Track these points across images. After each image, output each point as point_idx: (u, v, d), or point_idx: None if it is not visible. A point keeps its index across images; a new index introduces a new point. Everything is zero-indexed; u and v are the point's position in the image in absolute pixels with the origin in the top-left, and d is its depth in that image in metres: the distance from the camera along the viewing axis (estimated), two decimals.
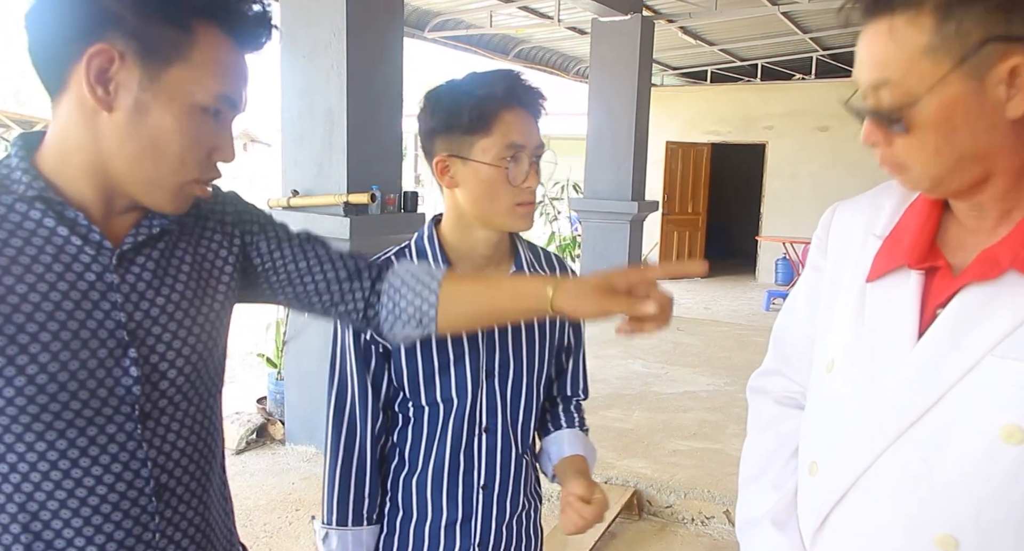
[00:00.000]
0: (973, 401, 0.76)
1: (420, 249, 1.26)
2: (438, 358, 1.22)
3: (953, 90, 0.73)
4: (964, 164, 0.76)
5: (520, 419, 1.29)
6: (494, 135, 1.15)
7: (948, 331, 0.79)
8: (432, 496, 1.26)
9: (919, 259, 0.84)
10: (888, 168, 0.82)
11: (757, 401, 1.11)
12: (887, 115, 0.77)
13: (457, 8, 7.40)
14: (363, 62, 3.53)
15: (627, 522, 3.32)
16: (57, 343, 0.77)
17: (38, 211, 0.79)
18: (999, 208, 0.80)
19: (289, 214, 3.66)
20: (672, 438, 3.90)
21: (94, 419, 0.80)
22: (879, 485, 0.82)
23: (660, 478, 3.41)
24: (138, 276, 0.85)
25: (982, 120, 0.74)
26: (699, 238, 11.11)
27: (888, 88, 0.76)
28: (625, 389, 4.73)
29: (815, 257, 1.02)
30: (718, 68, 10.64)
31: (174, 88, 0.79)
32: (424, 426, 1.25)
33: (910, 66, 0.74)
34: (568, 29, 8.04)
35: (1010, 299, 0.76)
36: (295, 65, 3.63)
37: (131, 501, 0.83)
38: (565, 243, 7.99)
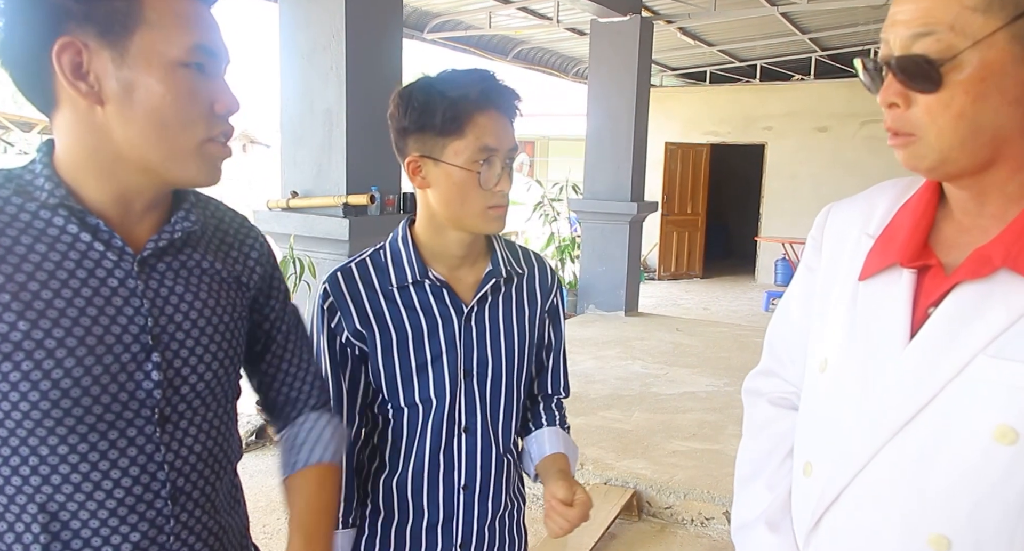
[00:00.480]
0: (966, 401, 0.76)
1: (395, 250, 1.25)
2: (415, 358, 1.22)
3: (996, 51, 0.71)
4: (978, 138, 0.74)
5: (500, 419, 1.28)
6: (467, 137, 1.13)
7: (940, 331, 0.79)
8: (413, 497, 1.26)
9: (911, 257, 0.83)
10: (897, 138, 0.79)
11: (751, 402, 1.11)
12: (922, 67, 0.73)
13: (456, 9, 7.40)
14: (362, 63, 3.53)
15: (626, 523, 3.32)
16: (82, 348, 0.78)
17: (61, 218, 0.80)
18: (999, 204, 0.79)
19: (288, 215, 3.66)
20: (671, 439, 3.89)
21: (115, 423, 0.81)
22: (873, 485, 0.82)
23: (660, 479, 3.41)
24: (160, 282, 0.85)
25: (1012, 92, 0.72)
26: (698, 238, 11.11)
27: (931, 38, 0.72)
28: (624, 390, 4.73)
29: (809, 257, 1.01)
30: (717, 69, 10.65)
31: (146, 53, 0.78)
32: (403, 427, 1.25)
33: (960, 18, 0.71)
34: (567, 30, 8.04)
35: (1002, 297, 0.75)
36: (294, 66, 3.63)
37: (147, 504, 0.84)
38: (564, 244, 7.99)
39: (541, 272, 1.35)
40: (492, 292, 1.27)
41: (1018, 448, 0.73)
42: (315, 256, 3.66)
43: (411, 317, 1.22)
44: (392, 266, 1.24)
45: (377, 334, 1.22)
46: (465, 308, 1.24)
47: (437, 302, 1.23)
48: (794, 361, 1.03)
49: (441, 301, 1.23)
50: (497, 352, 1.26)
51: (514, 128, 1.20)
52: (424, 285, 1.23)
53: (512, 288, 1.30)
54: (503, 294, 1.28)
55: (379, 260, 1.25)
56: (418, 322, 1.22)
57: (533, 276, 1.34)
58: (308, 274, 3.63)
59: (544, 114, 18.09)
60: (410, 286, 1.23)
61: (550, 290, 1.36)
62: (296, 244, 3.65)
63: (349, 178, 3.51)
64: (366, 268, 1.24)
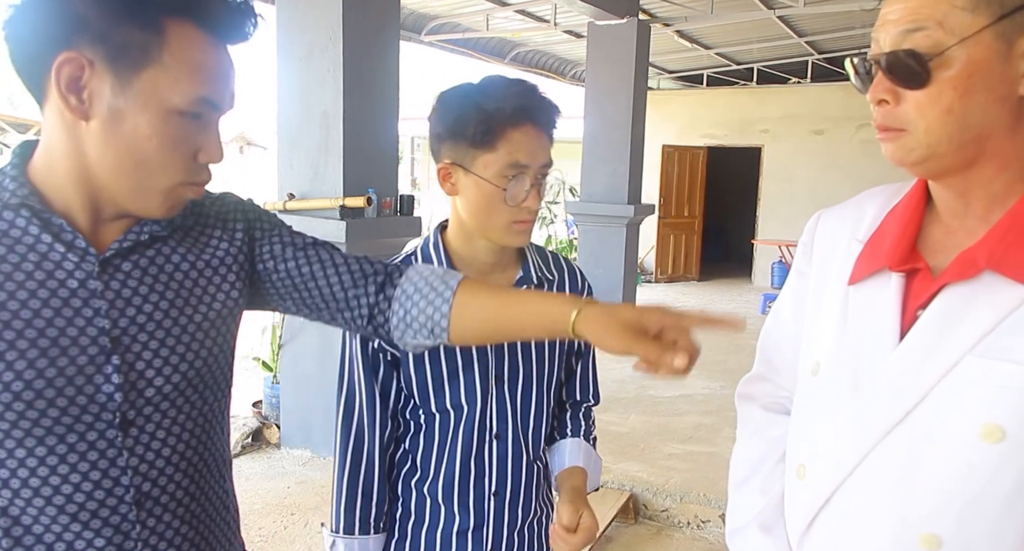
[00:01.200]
0: (954, 401, 0.77)
1: (426, 256, 1.25)
2: (447, 365, 1.21)
3: (983, 48, 0.73)
4: (965, 133, 0.76)
5: (531, 425, 1.28)
6: (498, 152, 1.12)
7: (928, 332, 0.80)
8: (444, 502, 1.25)
9: (899, 261, 0.84)
10: (886, 133, 0.81)
11: (745, 407, 1.12)
12: (911, 63, 0.75)
13: (454, 11, 7.40)
14: (359, 65, 3.53)
15: (623, 526, 3.32)
16: (34, 350, 0.76)
17: (23, 219, 0.79)
18: (984, 203, 0.81)
19: (285, 218, 3.65)
20: (668, 442, 3.89)
21: (73, 426, 0.79)
22: (864, 486, 0.82)
23: (656, 482, 3.41)
24: (123, 283, 0.83)
25: (998, 89, 0.74)
26: (695, 241, 11.11)
27: (920, 34, 0.75)
28: (621, 393, 4.73)
29: (800, 263, 1.02)
30: (714, 72, 10.66)
31: (147, 93, 0.76)
32: (435, 433, 1.24)
33: (949, 15, 0.74)
34: (564, 33, 8.05)
35: (988, 298, 0.77)
36: (291, 68, 3.62)
37: (110, 509, 0.82)
38: (561, 246, 7.99)
39: (571, 277, 1.34)
40: None
41: (1005, 447, 0.74)
42: None
43: None
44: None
45: None
46: None
47: None
48: (786, 365, 1.04)
49: None
50: (528, 358, 1.26)
51: (551, 142, 1.19)
52: None
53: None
54: None
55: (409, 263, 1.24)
56: None
57: (564, 282, 1.33)
58: None
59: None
60: None
61: (581, 295, 1.34)
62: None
63: (346, 180, 3.51)
64: None
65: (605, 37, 6.59)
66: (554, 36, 8.36)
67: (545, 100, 1.17)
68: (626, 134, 6.62)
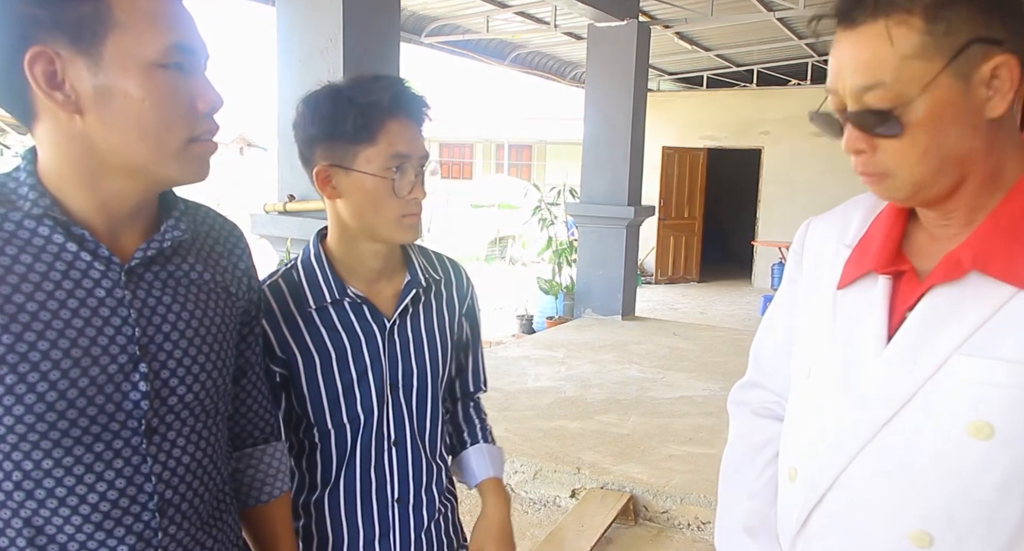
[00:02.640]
0: (942, 399, 0.78)
1: (308, 268, 1.20)
2: (341, 379, 1.19)
3: (943, 90, 0.75)
4: (946, 167, 0.78)
5: (427, 428, 1.27)
6: (379, 145, 1.11)
7: (916, 332, 0.81)
8: (347, 517, 1.23)
9: (885, 264, 0.86)
10: (869, 178, 0.82)
11: (736, 413, 1.13)
12: (879, 118, 0.77)
13: (454, 13, 7.41)
14: (359, 67, 3.53)
15: (623, 528, 3.32)
16: (68, 360, 0.76)
17: (46, 228, 0.78)
18: (966, 214, 0.83)
19: (285, 219, 3.65)
20: (668, 443, 3.89)
21: (101, 435, 0.79)
22: (855, 485, 0.83)
23: (656, 483, 3.41)
24: (148, 292, 0.84)
25: (967, 120, 0.76)
26: (695, 243, 11.12)
27: (881, 90, 0.76)
28: (621, 394, 4.73)
29: (791, 270, 1.04)
30: (714, 73, 10.67)
31: (120, 58, 0.75)
32: (332, 449, 1.22)
33: (903, 67, 0.75)
34: (565, 34, 8.05)
35: (974, 299, 0.78)
36: (291, 69, 3.63)
37: (134, 517, 0.82)
38: (561, 248, 7.98)
39: (457, 276, 1.34)
40: (412, 303, 1.24)
41: (993, 443, 0.75)
42: None
43: (333, 337, 1.19)
44: (308, 286, 1.19)
45: (299, 358, 1.18)
46: (387, 322, 1.21)
47: (358, 319, 1.20)
48: (778, 371, 1.05)
49: (362, 317, 1.20)
50: (422, 362, 1.25)
51: (423, 136, 1.18)
52: (343, 303, 1.19)
53: (431, 296, 1.28)
54: (423, 303, 1.26)
55: (292, 280, 1.20)
56: (340, 342, 1.19)
57: (450, 281, 1.32)
58: None
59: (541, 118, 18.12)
60: (329, 306, 1.19)
61: (466, 293, 1.35)
62: (293, 247, 3.65)
63: None
64: (280, 290, 1.19)
65: (605, 39, 6.60)
66: (554, 38, 8.37)
67: (415, 93, 1.16)
68: (626, 136, 6.63)
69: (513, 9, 7.12)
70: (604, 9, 6.20)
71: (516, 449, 3.74)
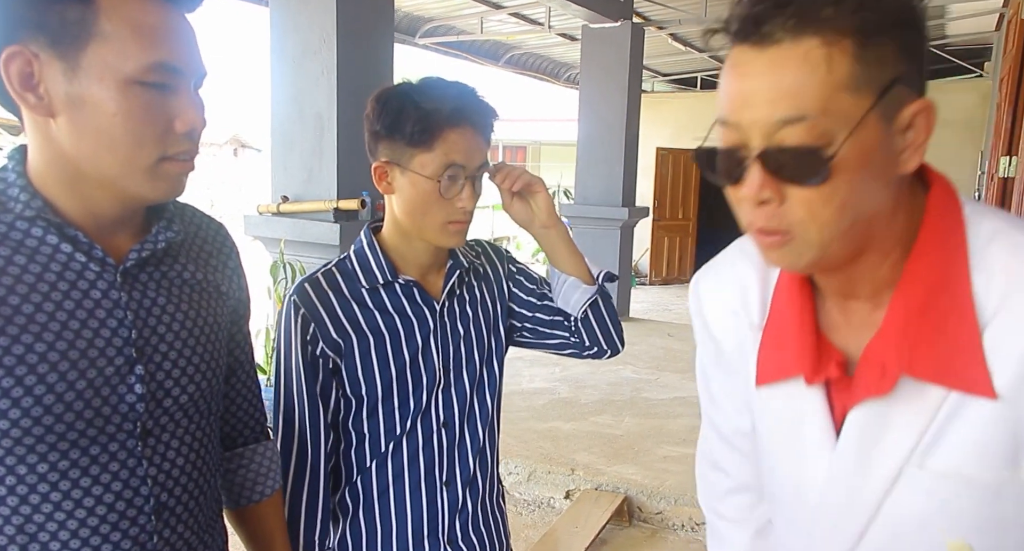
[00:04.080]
0: (910, 517, 0.73)
1: (361, 256, 1.23)
2: (395, 361, 1.21)
3: (869, 132, 0.63)
4: (856, 227, 0.67)
5: (478, 410, 1.30)
6: (435, 151, 1.13)
7: (858, 445, 0.74)
8: (395, 499, 1.25)
9: (813, 369, 0.75)
10: (771, 238, 0.69)
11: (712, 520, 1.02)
12: (800, 159, 0.64)
13: (448, 14, 7.41)
14: (353, 68, 3.52)
15: (617, 528, 3.32)
16: (65, 363, 0.75)
17: (39, 229, 0.77)
18: (871, 287, 0.74)
19: (279, 220, 3.64)
20: (662, 444, 3.89)
21: (97, 437, 0.78)
22: None
23: (650, 484, 3.41)
24: (143, 293, 0.83)
25: (884, 173, 0.66)
26: (689, 244, 11.13)
27: (803, 126, 0.63)
28: (615, 395, 4.73)
29: (700, 335, 0.92)
30: (708, 74, 10.70)
31: (98, 69, 0.72)
32: (381, 432, 1.23)
33: (833, 100, 0.62)
34: (559, 35, 8.06)
35: (907, 404, 0.71)
36: (285, 70, 3.62)
37: (130, 520, 0.81)
38: None
39: (491, 253, 1.37)
40: (458, 284, 1.28)
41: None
42: (305, 261, 3.65)
43: (386, 320, 1.22)
44: (360, 270, 1.23)
45: (355, 340, 1.20)
46: (437, 305, 1.25)
47: (409, 302, 1.23)
48: (741, 467, 0.95)
49: (413, 300, 1.24)
50: (469, 344, 1.28)
51: (488, 145, 1.20)
52: (395, 287, 1.23)
53: (472, 277, 1.31)
54: (466, 285, 1.30)
55: (346, 268, 1.24)
56: (393, 324, 1.22)
57: (486, 254, 1.36)
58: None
59: (535, 119, 18.13)
60: (381, 288, 1.22)
61: (502, 265, 1.36)
62: (286, 249, 3.64)
63: (340, 183, 3.51)
64: (333, 276, 1.23)
65: (599, 40, 6.61)
66: (548, 39, 8.37)
67: (483, 102, 1.17)
68: (620, 137, 6.63)
69: (507, 10, 7.12)
70: (598, 10, 6.20)
71: (510, 451, 3.73)
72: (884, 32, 0.62)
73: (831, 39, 0.62)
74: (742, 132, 0.66)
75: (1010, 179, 4.97)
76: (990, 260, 0.68)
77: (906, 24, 0.64)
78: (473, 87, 1.18)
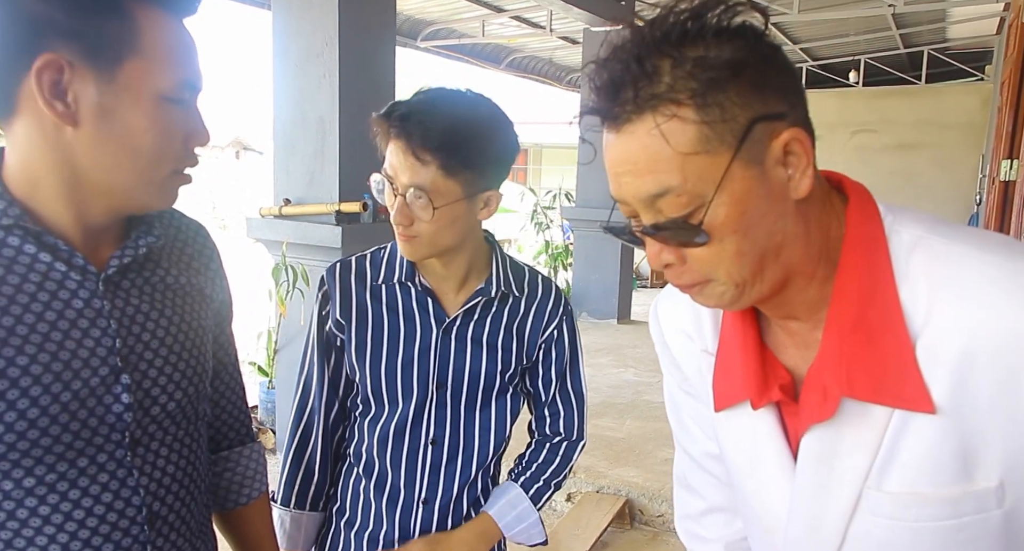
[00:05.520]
0: (875, 540, 0.72)
1: (393, 250, 1.26)
2: (387, 359, 1.23)
3: (739, 182, 0.65)
4: (767, 262, 0.69)
5: (475, 436, 1.27)
6: (385, 159, 1.15)
7: (813, 472, 0.74)
8: (370, 506, 1.27)
9: (759, 394, 0.76)
10: (690, 289, 0.72)
11: (689, 544, 1.02)
12: (679, 227, 0.66)
13: (450, 18, 7.42)
14: (355, 71, 3.53)
15: (618, 531, 3.32)
16: (48, 375, 0.74)
17: (16, 238, 0.75)
18: (804, 304, 0.74)
19: (281, 222, 3.65)
20: (664, 447, 3.89)
21: (85, 449, 0.77)
22: None
23: (652, 487, 3.41)
24: (125, 301, 0.82)
25: (773, 208, 0.67)
26: None
27: (671, 196, 0.65)
28: (617, 398, 4.73)
29: (664, 359, 0.94)
30: None
31: (134, 84, 0.74)
32: (366, 428, 1.26)
33: (688, 166, 0.64)
34: (560, 39, 8.07)
35: (855, 428, 0.71)
36: (287, 73, 3.63)
37: (123, 531, 0.80)
38: (557, 252, 7.99)
39: (545, 297, 1.30)
40: (481, 309, 1.25)
41: None
42: (308, 263, 3.65)
43: (391, 318, 1.23)
44: (385, 264, 1.26)
45: (355, 325, 1.23)
46: (447, 319, 1.23)
47: (420, 310, 1.24)
48: (717, 488, 0.95)
49: (424, 310, 1.24)
50: (476, 368, 1.24)
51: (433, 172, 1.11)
52: (410, 290, 1.24)
53: (505, 308, 1.26)
54: (493, 313, 1.26)
55: (377, 257, 1.27)
56: (396, 324, 1.23)
57: (534, 299, 1.29)
58: (301, 282, 3.63)
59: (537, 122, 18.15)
60: (396, 286, 1.24)
61: (552, 318, 1.29)
62: (289, 252, 3.65)
63: (342, 186, 3.51)
64: (364, 262, 1.27)
65: (600, 43, 6.61)
66: (550, 42, 8.38)
67: (431, 127, 1.09)
68: None
69: (509, 14, 7.13)
70: (599, 14, 6.21)
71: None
72: (721, 86, 0.63)
73: (670, 111, 0.64)
74: (631, 207, 0.70)
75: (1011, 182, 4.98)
76: (913, 270, 0.68)
77: (743, 65, 0.64)
78: (459, 117, 1.10)
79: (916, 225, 0.71)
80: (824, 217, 0.72)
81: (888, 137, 9.87)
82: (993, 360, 0.64)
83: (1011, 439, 0.65)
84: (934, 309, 0.66)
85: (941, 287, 0.66)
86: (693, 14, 0.65)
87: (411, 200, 1.12)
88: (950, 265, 0.67)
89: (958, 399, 0.66)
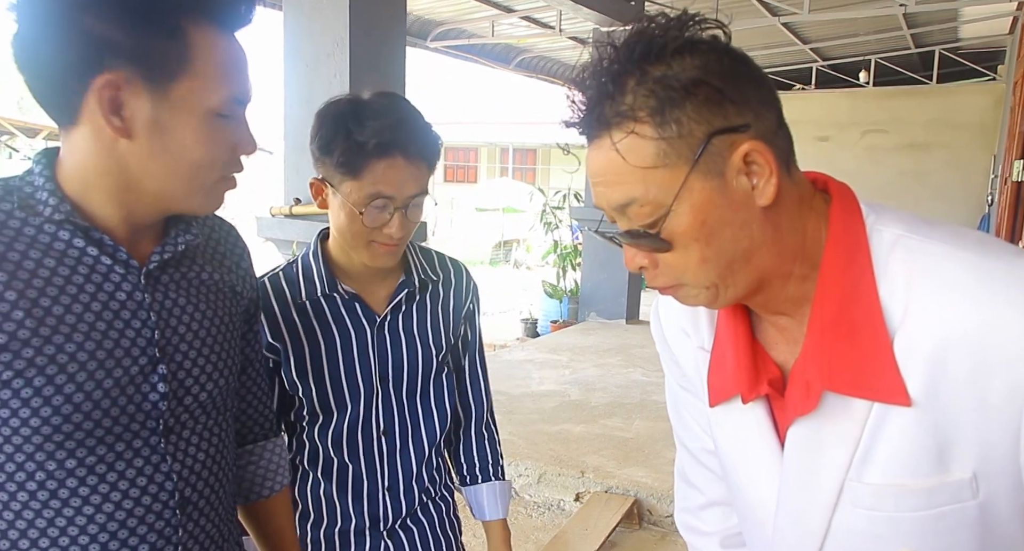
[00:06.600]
0: (858, 531, 0.74)
1: (306, 264, 1.25)
2: (329, 370, 1.24)
3: (698, 194, 0.68)
4: (735, 267, 0.72)
5: (421, 420, 1.31)
6: (362, 181, 1.11)
7: (798, 464, 0.77)
8: (339, 501, 1.29)
9: (749, 388, 0.79)
10: (665, 291, 0.77)
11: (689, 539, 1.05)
12: (645, 235, 0.71)
13: (459, 18, 7.43)
14: (365, 71, 3.54)
15: (627, 531, 3.32)
16: (93, 362, 0.78)
17: (67, 232, 0.79)
18: (787, 302, 0.77)
19: (292, 222, 3.67)
20: (673, 447, 3.86)
21: (122, 434, 0.81)
22: None
23: (661, 487, 3.41)
24: (165, 294, 0.86)
25: (737, 217, 0.70)
26: None
27: (636, 206, 0.70)
28: (625, 398, 4.73)
29: (664, 356, 0.97)
30: None
31: (186, 101, 0.77)
32: (323, 434, 1.27)
33: (648, 179, 0.69)
34: (570, 39, 8.07)
35: (836, 421, 0.73)
36: (298, 73, 3.64)
37: (156, 514, 0.84)
38: (566, 252, 7.99)
39: (457, 277, 1.36)
40: (406, 301, 1.28)
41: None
42: None
43: (324, 330, 1.24)
44: (303, 280, 1.25)
45: (290, 346, 1.23)
46: (378, 318, 1.25)
47: (350, 315, 1.25)
48: (715, 482, 0.98)
49: (354, 314, 1.25)
50: (413, 357, 1.28)
51: (428, 170, 1.17)
52: (335, 299, 1.25)
53: (427, 295, 1.31)
54: (417, 302, 1.30)
55: (291, 274, 1.26)
56: (331, 334, 1.24)
57: (449, 282, 1.34)
58: None
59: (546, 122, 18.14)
60: (321, 299, 1.24)
61: (467, 295, 1.36)
62: (298, 251, 3.66)
63: None
64: (279, 281, 1.25)
65: None
66: (559, 42, 8.38)
67: (420, 131, 1.13)
68: None
69: (518, 14, 7.14)
70: (609, 14, 6.21)
71: (520, 452, 3.74)
72: (678, 103, 0.67)
73: (628, 128, 0.68)
74: (610, 215, 0.75)
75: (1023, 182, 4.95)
76: (892, 268, 0.71)
77: (700, 82, 0.67)
78: (415, 112, 1.15)
79: (896, 224, 0.73)
80: (799, 219, 0.74)
81: (899, 137, 9.82)
82: (965, 353, 0.66)
83: (983, 431, 0.67)
84: (910, 306, 0.69)
85: (917, 284, 0.69)
86: (661, 31, 0.69)
87: (411, 209, 1.15)
88: (926, 263, 0.69)
89: (933, 392, 0.68)
